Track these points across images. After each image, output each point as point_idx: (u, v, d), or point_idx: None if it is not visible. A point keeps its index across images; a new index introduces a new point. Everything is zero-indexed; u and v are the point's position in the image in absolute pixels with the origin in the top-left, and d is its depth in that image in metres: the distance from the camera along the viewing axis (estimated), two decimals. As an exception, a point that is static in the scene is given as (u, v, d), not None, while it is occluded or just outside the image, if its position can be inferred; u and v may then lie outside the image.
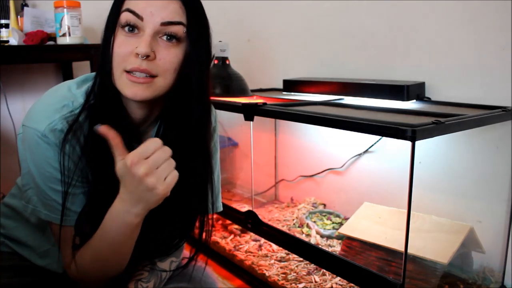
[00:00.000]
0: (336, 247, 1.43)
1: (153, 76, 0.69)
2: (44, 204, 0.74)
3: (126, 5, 0.69)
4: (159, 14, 0.67)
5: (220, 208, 0.94)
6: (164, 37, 0.69)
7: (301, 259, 1.41)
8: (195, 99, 0.74)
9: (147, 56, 0.67)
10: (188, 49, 0.70)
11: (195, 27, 0.71)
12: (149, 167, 0.63)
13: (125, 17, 0.68)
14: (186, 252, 0.92)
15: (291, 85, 1.60)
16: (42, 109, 0.72)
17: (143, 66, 0.67)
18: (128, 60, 0.68)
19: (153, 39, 0.68)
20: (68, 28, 1.61)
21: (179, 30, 0.69)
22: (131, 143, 0.75)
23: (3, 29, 1.63)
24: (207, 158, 0.80)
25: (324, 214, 1.65)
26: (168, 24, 0.68)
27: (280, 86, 1.65)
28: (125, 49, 0.68)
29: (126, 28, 0.68)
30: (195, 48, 0.71)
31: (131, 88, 0.68)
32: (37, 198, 0.74)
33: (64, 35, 1.62)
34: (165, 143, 0.76)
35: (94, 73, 0.76)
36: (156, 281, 0.82)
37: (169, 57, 0.69)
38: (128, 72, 0.68)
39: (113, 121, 0.71)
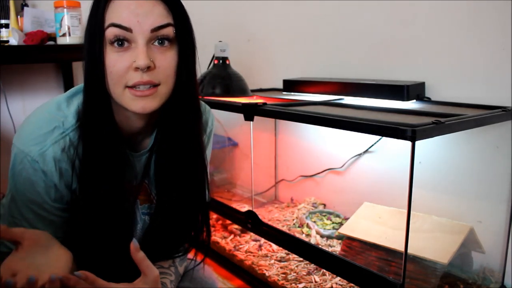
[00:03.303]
0: (336, 247, 1.43)
1: (156, 85, 0.67)
2: (10, 223, 0.71)
3: (109, 20, 0.65)
4: (147, 21, 0.65)
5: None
6: (156, 42, 0.67)
7: (301, 259, 1.41)
8: (190, 100, 0.73)
9: (148, 68, 0.65)
10: (180, 50, 0.69)
11: (182, 25, 0.69)
12: None
13: (112, 33, 0.65)
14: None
15: (291, 85, 1.60)
16: (33, 131, 0.70)
17: (145, 78, 0.65)
18: (127, 76, 0.65)
19: (147, 47, 0.65)
20: (68, 28, 1.61)
21: (170, 32, 0.67)
22: (126, 157, 0.75)
23: (3, 29, 1.63)
24: (203, 161, 0.80)
25: (324, 214, 1.65)
26: (158, 29, 0.66)
27: (280, 86, 1.65)
28: (121, 65, 0.65)
29: (116, 43, 0.65)
30: (186, 47, 0.70)
31: (138, 103, 0.67)
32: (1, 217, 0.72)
33: (64, 35, 1.62)
34: (162, 148, 0.76)
35: (82, 85, 0.73)
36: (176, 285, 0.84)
37: (167, 62, 0.67)
38: (130, 87, 0.66)
39: (106, 138, 0.71)
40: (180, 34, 0.69)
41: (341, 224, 1.55)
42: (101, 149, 0.70)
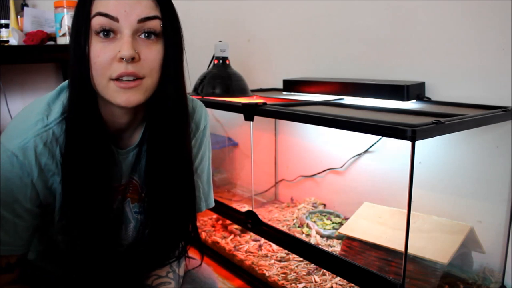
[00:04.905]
0: (336, 247, 1.43)
1: (140, 78, 0.66)
2: None
3: (96, 9, 0.64)
4: (134, 12, 0.64)
5: (212, 204, 0.94)
6: (143, 35, 0.66)
7: (301, 259, 1.41)
8: (177, 96, 0.73)
9: (132, 59, 0.64)
10: (166, 44, 0.68)
11: (170, 20, 0.69)
12: None
13: (98, 22, 0.64)
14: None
15: (291, 85, 1.60)
16: (16, 126, 0.69)
17: (129, 69, 0.64)
18: (111, 67, 0.64)
19: (133, 39, 0.65)
20: (68, 28, 1.61)
21: (156, 25, 0.66)
22: (111, 153, 0.74)
23: (3, 29, 1.64)
24: (190, 156, 0.79)
25: (324, 214, 1.65)
26: (145, 20, 0.65)
27: (280, 86, 1.65)
28: (105, 56, 0.64)
29: (101, 34, 0.64)
30: (173, 42, 0.69)
31: (123, 96, 0.65)
32: None
33: (64, 35, 1.62)
34: (152, 146, 0.75)
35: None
36: None
37: (152, 55, 0.67)
38: (114, 79, 0.65)
39: (91, 133, 0.69)
40: (167, 29, 0.68)
41: (341, 224, 1.55)
42: (85, 144, 0.69)
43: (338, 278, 1.29)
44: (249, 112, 1.30)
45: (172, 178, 0.76)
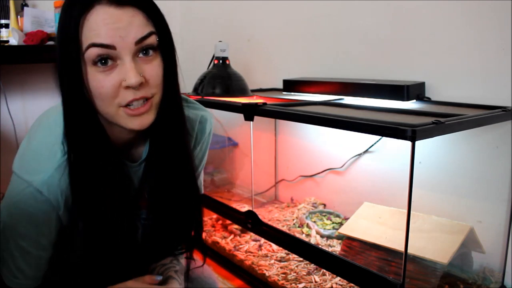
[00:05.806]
0: (336, 247, 1.43)
1: (149, 98, 0.65)
2: None
3: (87, 39, 0.60)
4: (129, 35, 0.61)
5: (202, 191, 0.95)
6: (141, 54, 0.63)
7: (301, 259, 1.41)
8: (176, 104, 0.72)
9: (140, 84, 0.62)
10: (163, 55, 0.66)
11: (164, 31, 0.66)
12: None
13: (94, 53, 0.60)
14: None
15: (291, 85, 1.60)
16: (34, 157, 0.66)
17: (138, 95, 0.62)
18: (118, 95, 0.62)
19: (134, 62, 0.62)
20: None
21: (153, 40, 0.64)
22: (125, 169, 0.75)
23: (3, 29, 1.64)
24: (192, 162, 0.80)
25: (324, 214, 1.65)
26: (142, 41, 0.62)
27: (280, 86, 1.65)
28: (109, 86, 0.61)
29: (99, 63, 0.61)
30: (168, 53, 0.68)
31: (135, 121, 0.64)
32: None
33: (64, 35, 1.62)
34: (158, 156, 0.75)
35: None
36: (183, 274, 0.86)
37: (155, 72, 0.65)
38: (124, 106, 0.63)
39: (102, 154, 0.68)
40: (163, 40, 0.66)
41: (341, 224, 1.55)
42: (99, 166, 0.68)
43: (338, 278, 1.29)
44: (249, 112, 1.30)
45: (177, 186, 0.77)
